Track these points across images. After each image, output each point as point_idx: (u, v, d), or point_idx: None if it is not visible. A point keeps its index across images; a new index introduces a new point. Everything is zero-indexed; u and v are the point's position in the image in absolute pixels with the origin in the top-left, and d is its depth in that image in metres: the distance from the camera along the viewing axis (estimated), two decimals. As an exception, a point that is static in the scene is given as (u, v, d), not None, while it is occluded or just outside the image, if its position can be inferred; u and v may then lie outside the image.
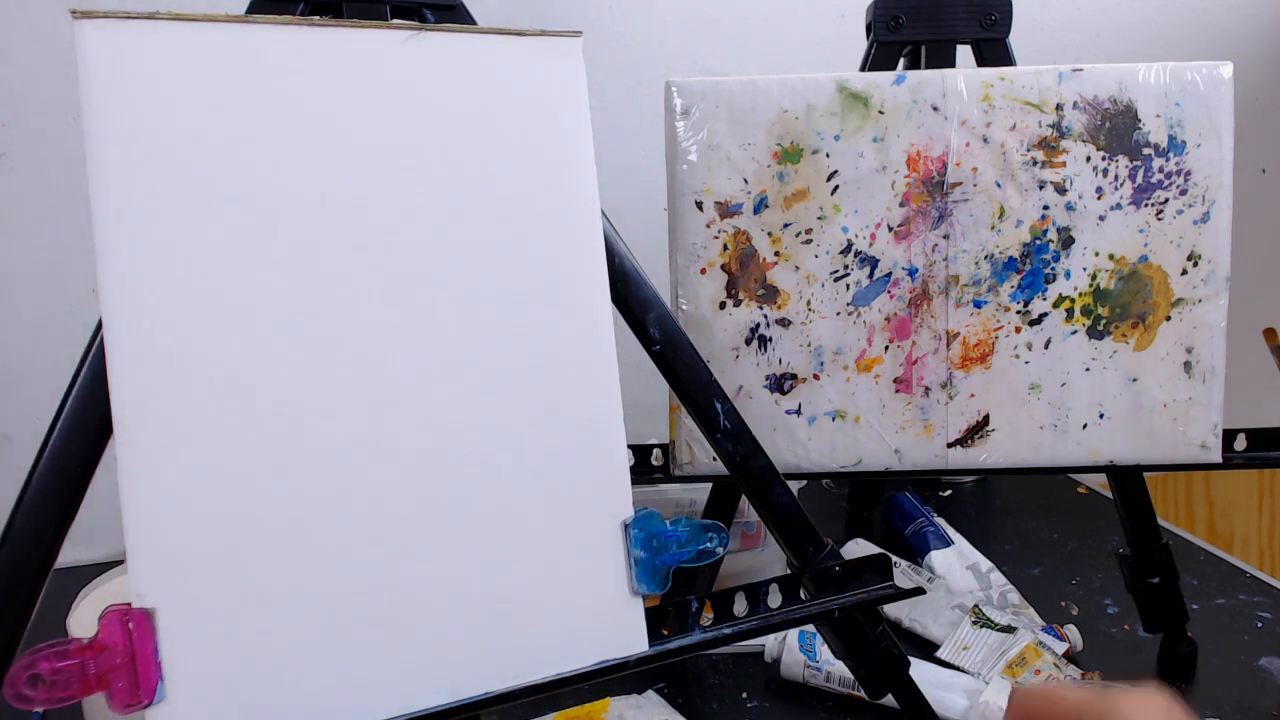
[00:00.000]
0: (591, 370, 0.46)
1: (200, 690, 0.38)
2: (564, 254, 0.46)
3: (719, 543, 0.48)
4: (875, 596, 0.52)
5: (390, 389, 0.42)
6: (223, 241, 0.40)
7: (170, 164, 0.39)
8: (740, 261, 0.62)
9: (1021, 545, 0.89)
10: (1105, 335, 0.62)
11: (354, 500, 0.41)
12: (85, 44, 0.38)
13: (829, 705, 0.65)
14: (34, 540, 0.38)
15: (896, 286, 0.62)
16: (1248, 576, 0.81)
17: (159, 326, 0.38)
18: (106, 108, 0.38)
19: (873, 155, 0.61)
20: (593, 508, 0.46)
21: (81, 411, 0.39)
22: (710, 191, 0.61)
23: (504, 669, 0.44)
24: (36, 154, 0.83)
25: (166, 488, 0.38)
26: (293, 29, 0.41)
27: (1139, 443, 0.63)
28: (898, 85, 0.60)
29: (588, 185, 0.47)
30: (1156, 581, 0.66)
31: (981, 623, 0.70)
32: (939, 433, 0.63)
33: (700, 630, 0.49)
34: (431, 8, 0.48)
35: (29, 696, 0.35)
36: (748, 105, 0.60)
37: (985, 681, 0.64)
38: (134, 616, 0.37)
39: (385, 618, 0.42)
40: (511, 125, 0.45)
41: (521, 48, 0.45)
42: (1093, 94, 0.60)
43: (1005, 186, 0.61)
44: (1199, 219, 0.61)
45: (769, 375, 0.63)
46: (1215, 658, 0.69)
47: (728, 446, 0.51)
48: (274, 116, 0.41)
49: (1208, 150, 0.60)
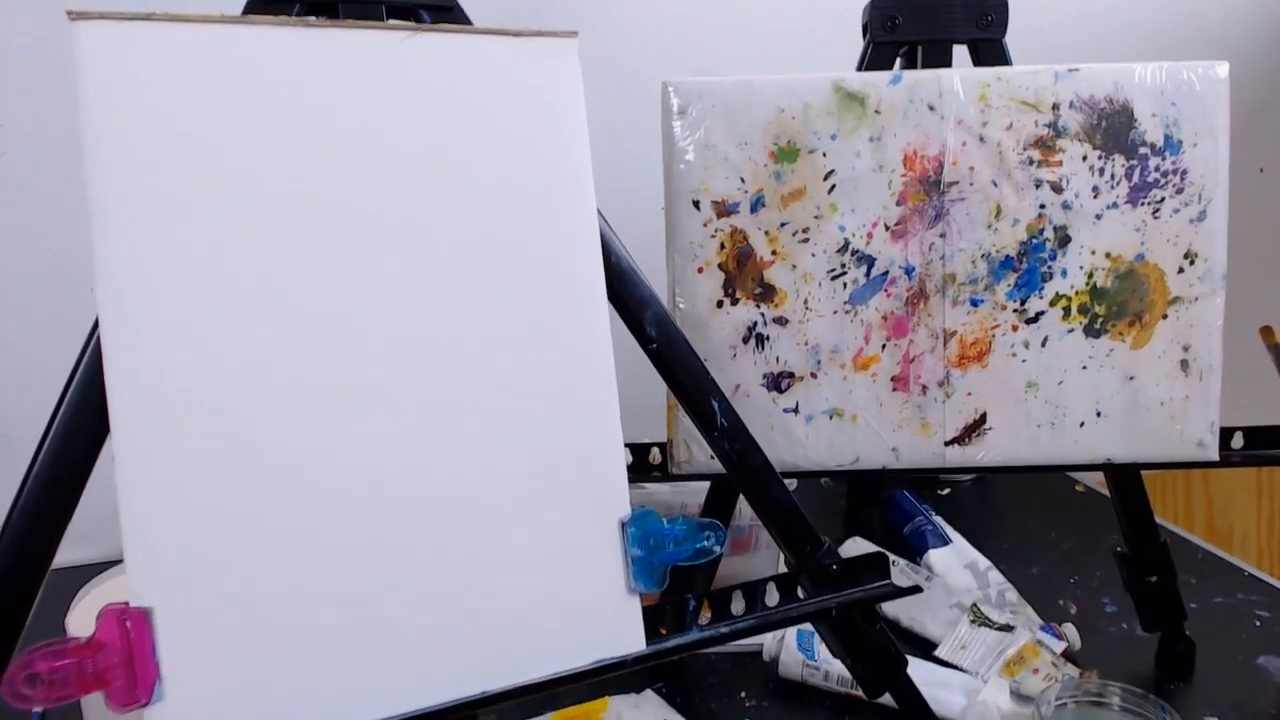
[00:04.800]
0: (588, 369, 0.46)
1: (198, 689, 0.38)
2: (561, 253, 0.46)
3: (716, 541, 0.48)
4: (873, 595, 0.52)
5: (387, 388, 0.42)
6: (220, 241, 0.40)
7: (167, 164, 0.39)
8: (737, 260, 0.62)
9: (1020, 544, 0.89)
10: (1102, 333, 0.62)
11: (350, 499, 0.41)
12: (82, 45, 0.38)
13: (827, 704, 0.65)
14: (31, 539, 0.39)
15: (893, 285, 0.62)
16: (1246, 575, 0.82)
17: (156, 326, 0.38)
18: (103, 108, 0.38)
19: (869, 154, 0.61)
20: (590, 506, 0.46)
21: (79, 411, 0.39)
22: (707, 190, 0.61)
23: (501, 668, 0.44)
24: (33, 154, 0.83)
25: (164, 487, 0.38)
26: (289, 30, 0.41)
27: (1136, 441, 0.63)
28: (894, 85, 0.61)
29: (584, 184, 0.47)
30: (1154, 580, 0.66)
31: (979, 621, 0.70)
32: (936, 431, 0.63)
33: (698, 629, 0.49)
34: (428, 8, 0.48)
35: (27, 695, 0.36)
36: (744, 105, 0.61)
37: (983, 680, 0.64)
38: (132, 615, 0.37)
39: (383, 617, 0.42)
40: (508, 125, 0.45)
41: (518, 48, 0.45)
42: (1089, 93, 0.60)
43: (1002, 185, 0.61)
44: (1195, 218, 0.61)
45: (766, 374, 0.63)
46: (1213, 656, 0.69)
47: (725, 445, 0.51)
48: (270, 117, 0.41)
49: (1204, 149, 0.60)
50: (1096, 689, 0.57)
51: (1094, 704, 0.56)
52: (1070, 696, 0.57)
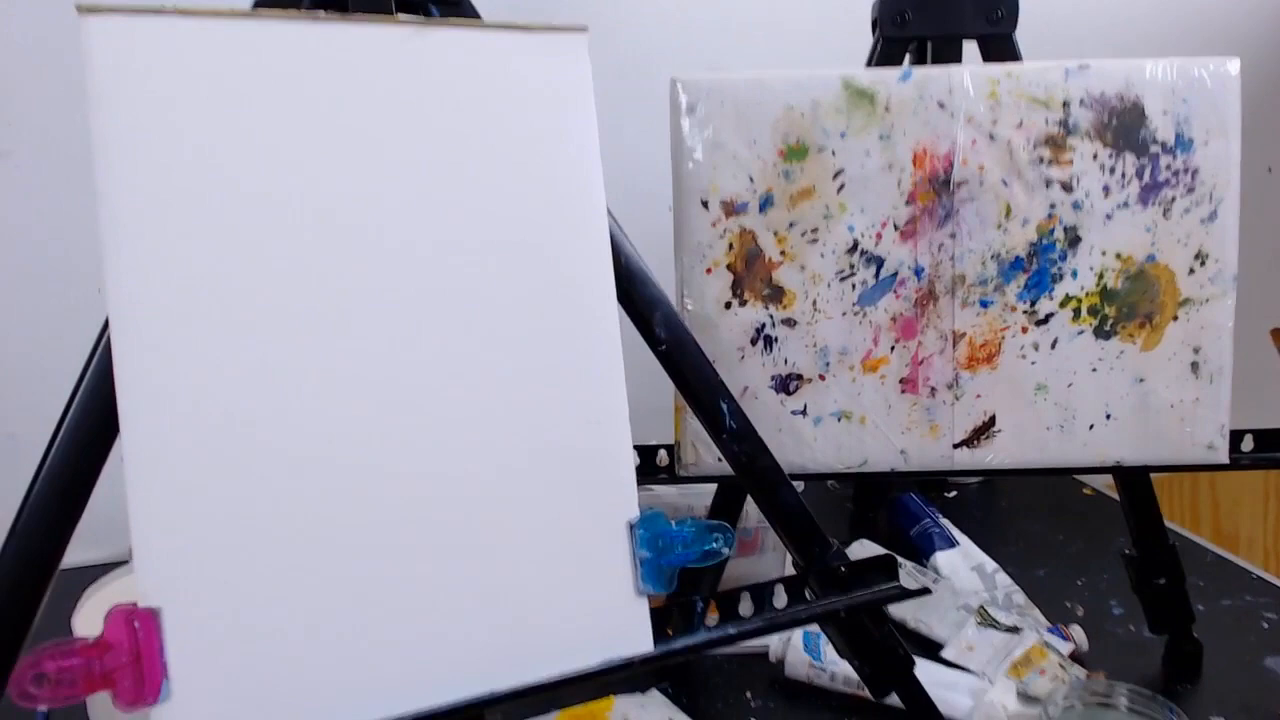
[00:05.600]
0: (597, 370, 0.46)
1: (205, 689, 0.38)
2: (570, 253, 0.46)
3: (724, 543, 0.48)
4: (881, 597, 0.52)
5: (396, 389, 0.42)
6: (228, 239, 0.39)
7: (176, 161, 0.39)
8: (746, 261, 0.62)
9: (1027, 546, 0.88)
10: (1112, 335, 0.62)
11: (359, 500, 0.41)
12: (91, 40, 0.37)
13: (833, 705, 0.65)
14: (39, 539, 0.38)
15: (903, 286, 0.62)
16: (1253, 577, 0.81)
17: (166, 326, 0.38)
18: (112, 104, 0.38)
19: (879, 153, 0.60)
20: (598, 508, 0.46)
21: (87, 411, 0.39)
22: (716, 190, 0.61)
23: (508, 668, 0.44)
24: (41, 152, 0.83)
25: (172, 487, 0.38)
26: (298, 23, 0.41)
27: (1145, 443, 0.62)
28: (904, 82, 0.60)
29: (594, 182, 0.47)
30: (1162, 582, 0.66)
31: (987, 623, 0.70)
32: (945, 433, 0.63)
33: (705, 630, 0.49)
34: (437, 2, 0.48)
35: (34, 695, 0.35)
36: (753, 102, 0.60)
37: (990, 682, 0.64)
38: (139, 616, 0.37)
39: (390, 617, 0.42)
40: (517, 120, 0.45)
41: (527, 42, 0.45)
42: (1099, 90, 0.60)
43: (1012, 185, 0.61)
44: (1206, 218, 0.61)
45: (774, 375, 0.63)
46: (1221, 658, 0.68)
47: (733, 447, 0.51)
48: (280, 111, 0.40)
49: (1215, 148, 0.60)
50: (1104, 690, 0.57)
51: (1101, 705, 0.56)
52: (1077, 698, 0.56)
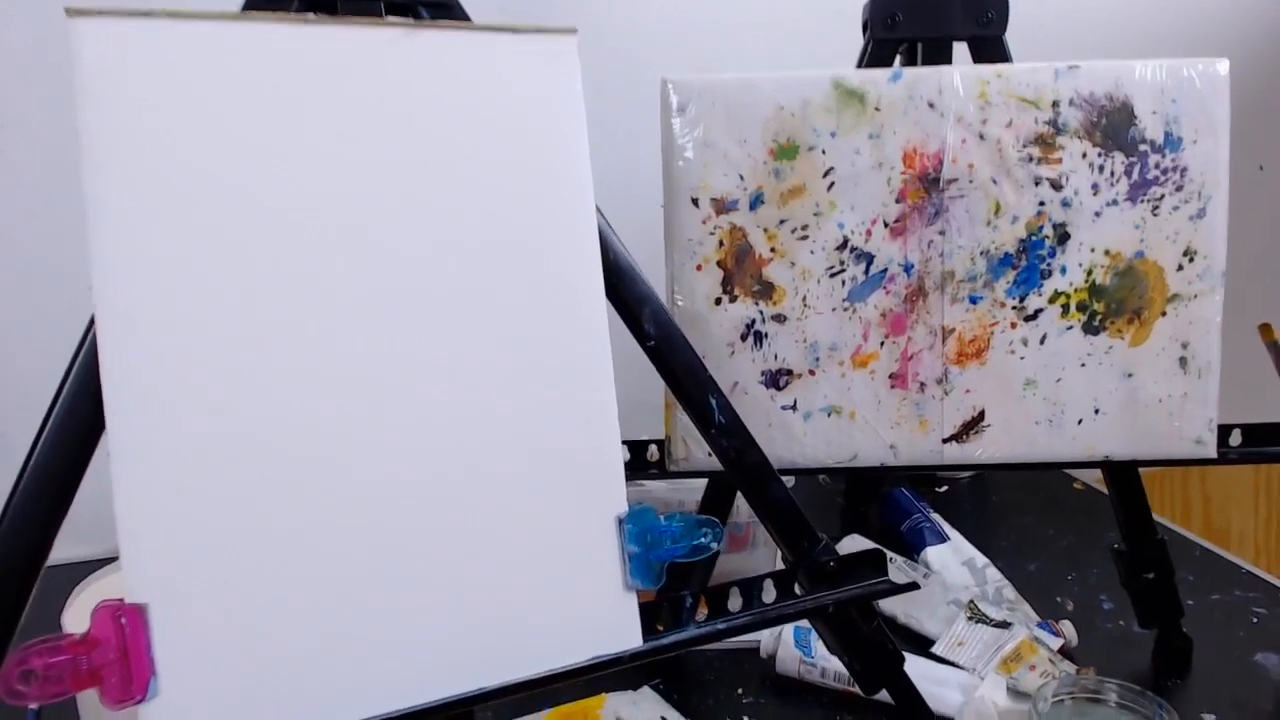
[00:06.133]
0: (586, 366, 0.46)
1: (193, 686, 0.38)
2: (559, 250, 0.46)
3: (714, 538, 0.48)
4: (870, 592, 0.52)
5: (384, 385, 0.42)
6: (216, 239, 0.40)
7: (164, 161, 0.39)
8: (736, 258, 0.62)
9: (1017, 541, 0.89)
10: (1101, 331, 0.62)
11: (345, 495, 0.41)
12: (80, 42, 0.37)
13: (824, 701, 0.65)
14: (27, 535, 0.38)
15: (892, 282, 0.62)
16: (1243, 572, 0.82)
17: (152, 323, 0.38)
18: (101, 106, 0.38)
19: (869, 152, 0.61)
20: (587, 503, 0.46)
21: (74, 407, 0.39)
22: (706, 188, 0.61)
23: (498, 664, 0.44)
24: (32, 154, 0.83)
25: (159, 484, 0.38)
26: (287, 26, 0.41)
27: (1134, 438, 0.63)
28: (894, 82, 0.60)
29: (582, 181, 0.47)
30: (1152, 577, 0.66)
31: (977, 618, 0.70)
32: (934, 428, 0.63)
33: (695, 625, 0.49)
34: (426, 5, 0.48)
35: (22, 692, 0.36)
36: (744, 102, 0.60)
37: (980, 677, 0.64)
38: (126, 612, 0.37)
39: (379, 614, 0.42)
40: (506, 121, 0.45)
41: (517, 44, 0.45)
42: (1089, 90, 0.60)
43: (1001, 183, 0.61)
44: (1195, 215, 0.61)
45: (764, 371, 0.63)
46: (1210, 653, 0.69)
47: (723, 442, 0.51)
48: (269, 113, 0.41)
49: (1204, 146, 0.60)
50: (1093, 686, 0.57)
51: (1091, 700, 0.56)
52: (1067, 693, 0.57)
